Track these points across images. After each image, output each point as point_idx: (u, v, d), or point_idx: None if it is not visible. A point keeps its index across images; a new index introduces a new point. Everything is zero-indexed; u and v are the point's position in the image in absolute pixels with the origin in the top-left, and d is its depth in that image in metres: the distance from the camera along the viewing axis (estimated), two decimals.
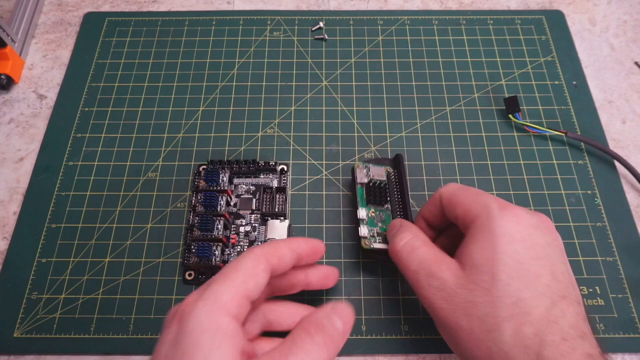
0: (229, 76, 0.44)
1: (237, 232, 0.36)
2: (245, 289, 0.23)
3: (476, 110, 0.43)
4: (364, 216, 0.34)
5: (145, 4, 0.49)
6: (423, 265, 0.26)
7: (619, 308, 0.34)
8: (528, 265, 0.24)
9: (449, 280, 0.25)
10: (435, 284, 0.26)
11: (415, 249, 0.27)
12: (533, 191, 0.39)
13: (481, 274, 0.24)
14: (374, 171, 0.35)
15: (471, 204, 0.27)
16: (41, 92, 0.44)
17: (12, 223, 0.38)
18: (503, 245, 0.24)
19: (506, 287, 0.23)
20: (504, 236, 0.24)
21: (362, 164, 0.36)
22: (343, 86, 0.44)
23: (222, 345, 0.20)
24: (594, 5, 0.49)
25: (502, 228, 0.25)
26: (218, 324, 0.21)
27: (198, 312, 0.21)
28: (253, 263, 0.24)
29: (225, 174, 0.37)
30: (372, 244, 0.33)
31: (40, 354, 0.33)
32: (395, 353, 0.33)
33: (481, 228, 0.25)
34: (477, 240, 0.25)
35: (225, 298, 0.22)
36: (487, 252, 0.24)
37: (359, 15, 0.48)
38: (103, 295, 0.35)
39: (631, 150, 0.41)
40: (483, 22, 0.47)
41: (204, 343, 0.20)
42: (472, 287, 0.24)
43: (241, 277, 0.23)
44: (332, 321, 0.24)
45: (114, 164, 0.40)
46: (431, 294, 0.26)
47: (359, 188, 0.35)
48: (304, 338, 0.22)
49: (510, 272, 0.24)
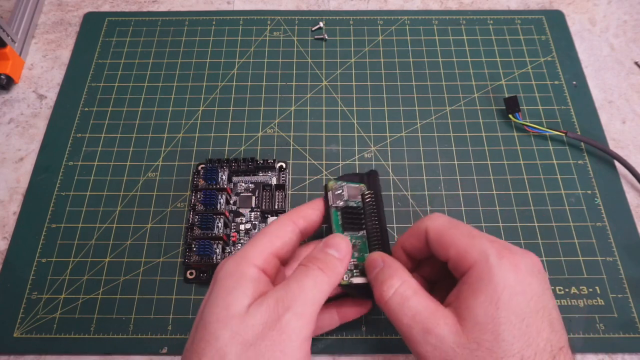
0: (229, 76, 0.44)
1: (237, 230, 0.36)
2: (272, 247, 0.26)
3: (476, 110, 0.43)
4: None
5: (145, 4, 0.49)
6: (418, 319, 0.24)
7: (619, 308, 0.34)
8: (529, 320, 0.23)
9: (448, 337, 0.23)
10: (433, 341, 0.23)
11: (407, 300, 0.25)
12: (533, 191, 0.39)
13: (483, 332, 0.23)
14: (349, 192, 0.31)
15: (466, 247, 0.25)
16: (41, 92, 0.44)
17: (12, 223, 0.38)
18: (505, 301, 0.23)
19: (510, 347, 0.22)
20: (505, 290, 0.23)
21: (337, 182, 0.31)
22: (343, 86, 0.44)
23: (243, 285, 0.24)
24: (594, 5, 0.49)
25: (503, 280, 0.23)
26: (242, 271, 0.25)
27: (227, 264, 0.25)
28: (279, 226, 0.27)
29: (224, 172, 0.37)
30: (350, 278, 0.28)
31: (40, 354, 0.33)
32: (395, 353, 0.33)
33: (481, 280, 0.24)
34: (477, 293, 0.24)
35: (251, 254, 0.25)
36: (489, 308, 0.23)
37: (359, 15, 0.48)
38: (103, 295, 0.35)
39: (631, 150, 0.41)
40: (483, 22, 0.47)
41: (228, 284, 0.24)
42: (474, 347, 0.23)
43: (267, 238, 0.27)
44: (325, 251, 0.26)
45: (114, 164, 0.40)
46: (428, 352, 0.23)
47: (334, 212, 0.30)
48: (301, 269, 0.25)
49: (513, 331, 0.23)
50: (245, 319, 0.23)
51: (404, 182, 0.39)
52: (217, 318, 0.23)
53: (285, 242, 0.27)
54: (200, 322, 0.24)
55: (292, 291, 0.24)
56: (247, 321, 0.23)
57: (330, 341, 0.33)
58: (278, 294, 0.24)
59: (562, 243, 0.37)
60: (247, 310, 0.23)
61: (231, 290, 0.24)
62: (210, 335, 0.23)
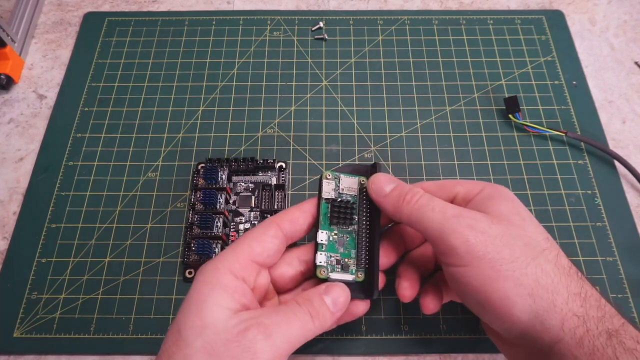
0: (229, 76, 0.44)
1: (236, 229, 0.36)
2: (250, 253, 0.26)
3: (476, 110, 0.43)
4: (324, 240, 0.28)
5: (145, 4, 0.49)
6: (448, 209, 0.26)
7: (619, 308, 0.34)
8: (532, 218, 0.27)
9: (481, 217, 0.25)
10: (468, 220, 0.25)
11: (433, 199, 0.27)
12: (533, 191, 0.39)
13: (511, 215, 0.26)
14: (344, 183, 0.30)
15: (470, 183, 0.29)
16: (41, 92, 0.44)
17: (12, 223, 0.38)
18: (519, 203, 0.27)
19: (536, 227, 0.26)
20: (515, 198, 0.27)
21: (332, 174, 0.30)
22: (343, 86, 0.44)
23: (217, 295, 0.24)
24: (594, 5, 0.49)
25: (510, 194, 0.28)
26: (218, 279, 0.24)
27: (205, 270, 0.25)
28: (262, 230, 0.27)
29: (224, 172, 0.37)
30: (329, 273, 0.28)
31: (40, 354, 0.33)
32: (395, 353, 0.33)
33: (494, 192, 0.27)
34: (493, 198, 0.27)
35: (229, 260, 0.25)
36: (510, 204, 0.27)
37: (359, 15, 0.48)
38: (103, 295, 0.35)
39: (631, 150, 0.41)
40: (483, 22, 0.47)
41: (204, 291, 0.24)
42: (506, 223, 0.25)
43: (247, 243, 0.26)
44: (321, 298, 0.26)
45: (114, 164, 0.40)
46: (465, 228, 0.25)
47: (324, 204, 0.29)
48: (293, 305, 0.25)
49: (532, 220, 0.26)
50: (220, 333, 0.22)
51: (403, 182, 0.39)
52: (191, 325, 0.23)
53: (265, 248, 0.26)
54: (175, 326, 0.24)
55: (278, 324, 0.23)
56: (222, 335, 0.22)
57: (330, 341, 0.33)
58: (263, 320, 0.23)
59: (562, 243, 0.36)
60: (225, 322, 0.23)
61: (206, 298, 0.24)
62: (182, 341, 0.23)
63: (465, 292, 0.26)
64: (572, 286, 0.24)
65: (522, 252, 0.24)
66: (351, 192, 0.30)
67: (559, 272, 0.24)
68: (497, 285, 0.24)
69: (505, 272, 0.24)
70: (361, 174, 0.31)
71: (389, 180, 0.28)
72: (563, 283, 0.24)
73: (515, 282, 0.24)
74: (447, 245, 0.25)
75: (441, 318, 0.34)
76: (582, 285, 0.24)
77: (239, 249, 0.26)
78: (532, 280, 0.24)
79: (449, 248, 0.25)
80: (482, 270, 0.24)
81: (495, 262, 0.24)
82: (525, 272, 0.24)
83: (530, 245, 0.25)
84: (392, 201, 0.27)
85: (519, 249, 0.24)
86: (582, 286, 0.24)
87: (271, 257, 0.27)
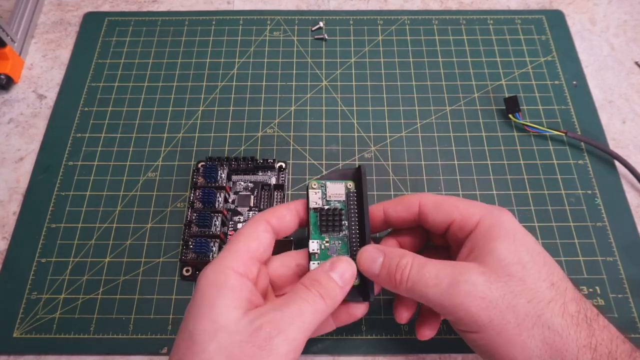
0: (228, 76, 0.44)
1: (234, 228, 0.36)
2: (248, 250, 0.26)
3: (476, 110, 0.43)
4: (316, 249, 0.29)
5: (145, 4, 0.49)
6: (442, 276, 0.25)
7: (619, 308, 0.34)
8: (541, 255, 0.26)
9: (478, 279, 0.24)
10: (465, 287, 0.24)
11: (424, 266, 0.26)
12: (533, 191, 0.39)
13: (511, 265, 0.25)
14: (331, 190, 0.30)
15: (468, 208, 0.27)
16: (41, 92, 0.44)
17: (11, 223, 0.38)
18: (520, 239, 0.26)
19: (538, 273, 0.25)
20: (516, 231, 0.26)
21: (317, 182, 0.31)
22: (343, 86, 0.44)
23: (226, 295, 0.24)
24: (594, 5, 0.49)
25: (510, 225, 0.26)
26: (224, 279, 0.24)
27: (207, 272, 0.25)
28: (253, 227, 0.27)
29: (223, 171, 0.37)
30: None
31: (40, 354, 0.33)
32: (395, 353, 0.33)
33: (493, 227, 0.26)
34: (495, 237, 0.26)
35: (229, 259, 0.25)
36: (510, 245, 0.25)
37: (359, 15, 0.48)
38: (103, 295, 0.35)
39: (631, 150, 0.41)
40: (483, 22, 0.47)
41: (211, 293, 0.24)
42: (506, 279, 0.24)
43: (243, 241, 0.26)
44: (329, 275, 0.26)
45: (114, 164, 0.40)
46: (465, 301, 0.24)
47: (312, 213, 0.30)
48: (301, 290, 0.25)
49: (535, 262, 0.25)
50: (234, 334, 0.22)
51: (404, 182, 0.39)
52: (204, 329, 0.23)
53: (260, 243, 0.27)
54: (186, 332, 0.23)
55: (289, 315, 0.23)
56: (236, 336, 0.22)
57: (330, 341, 0.33)
58: (274, 315, 0.23)
59: (562, 243, 0.37)
60: (237, 323, 0.23)
61: (215, 300, 0.24)
62: (197, 346, 0.22)
63: (479, 353, 0.26)
64: (582, 338, 0.23)
65: (527, 312, 0.24)
66: (338, 198, 0.30)
67: (567, 324, 0.24)
68: (505, 351, 0.24)
69: (512, 337, 0.24)
70: (347, 178, 0.31)
71: (375, 255, 0.27)
72: (572, 337, 0.23)
73: (523, 346, 0.24)
74: (452, 317, 0.25)
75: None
76: (592, 334, 0.24)
77: (237, 248, 0.26)
78: (539, 341, 0.23)
79: (455, 319, 0.25)
80: (490, 336, 0.24)
81: (502, 328, 0.24)
82: (532, 333, 0.23)
83: (534, 301, 0.24)
84: (385, 281, 0.27)
85: (523, 309, 0.24)
86: (592, 334, 0.24)
87: (266, 251, 0.27)
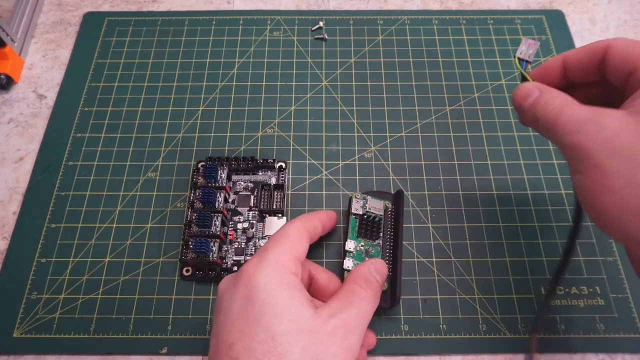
0: (229, 76, 0.44)
1: (234, 228, 0.36)
2: (296, 252, 0.27)
3: (476, 110, 0.43)
4: (352, 249, 0.33)
5: (145, 4, 0.49)
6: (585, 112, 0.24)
7: (619, 308, 0.34)
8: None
9: (612, 124, 0.23)
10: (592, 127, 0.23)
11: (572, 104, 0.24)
12: (533, 191, 0.39)
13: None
14: (371, 204, 0.35)
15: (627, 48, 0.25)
16: (41, 92, 0.44)
17: (11, 223, 0.38)
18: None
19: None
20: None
21: (360, 194, 0.35)
22: (343, 86, 0.44)
23: (297, 296, 0.25)
24: (594, 5, 0.49)
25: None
26: (288, 279, 0.25)
27: (266, 271, 0.25)
28: (299, 232, 0.29)
29: (223, 170, 0.37)
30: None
31: (40, 354, 0.33)
32: (395, 353, 0.33)
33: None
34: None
35: (284, 259, 0.26)
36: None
37: (359, 15, 0.48)
38: (103, 295, 0.35)
39: None
40: (483, 22, 0.47)
41: (282, 294, 0.24)
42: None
43: (291, 243, 0.28)
44: (374, 275, 0.28)
45: (114, 164, 0.40)
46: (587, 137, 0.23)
47: (352, 219, 0.34)
48: (358, 290, 0.27)
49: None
50: (314, 334, 0.24)
51: (404, 182, 0.39)
52: (287, 331, 0.23)
53: (304, 249, 0.28)
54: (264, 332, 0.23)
55: (356, 315, 0.26)
56: (316, 337, 0.24)
57: None
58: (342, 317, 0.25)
59: (562, 243, 0.37)
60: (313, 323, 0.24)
61: (288, 300, 0.24)
62: (282, 348, 0.23)
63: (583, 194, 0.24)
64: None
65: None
66: (377, 211, 0.35)
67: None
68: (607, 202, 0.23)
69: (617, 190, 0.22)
70: (386, 198, 0.36)
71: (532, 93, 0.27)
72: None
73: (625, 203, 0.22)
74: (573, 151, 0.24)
75: (441, 318, 0.34)
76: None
77: (287, 249, 0.27)
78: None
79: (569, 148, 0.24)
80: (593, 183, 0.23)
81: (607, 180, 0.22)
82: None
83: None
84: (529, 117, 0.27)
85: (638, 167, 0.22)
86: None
87: (304, 256, 0.29)
